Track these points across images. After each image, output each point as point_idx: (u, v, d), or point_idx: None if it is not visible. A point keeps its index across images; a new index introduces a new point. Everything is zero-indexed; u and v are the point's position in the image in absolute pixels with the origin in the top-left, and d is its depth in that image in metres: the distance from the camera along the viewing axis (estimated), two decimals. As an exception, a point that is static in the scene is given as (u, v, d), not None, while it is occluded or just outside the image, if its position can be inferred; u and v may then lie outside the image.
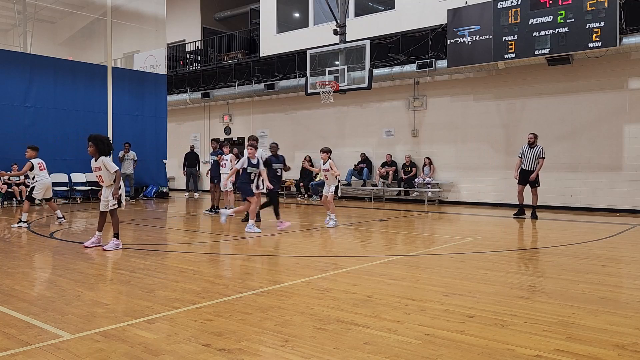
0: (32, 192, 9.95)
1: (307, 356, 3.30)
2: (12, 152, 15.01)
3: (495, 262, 6.52)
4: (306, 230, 9.72)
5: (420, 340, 3.58)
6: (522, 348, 3.43)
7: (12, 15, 21.29)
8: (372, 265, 6.28)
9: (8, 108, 15.32)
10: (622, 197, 13.00)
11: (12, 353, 3.34)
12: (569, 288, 5.10)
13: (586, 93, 13.53)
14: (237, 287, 5.15)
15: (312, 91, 15.32)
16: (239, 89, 19.77)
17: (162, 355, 3.31)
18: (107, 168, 7.27)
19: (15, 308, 4.37)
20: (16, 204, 14.96)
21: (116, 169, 7.31)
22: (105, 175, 7.33)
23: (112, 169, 7.26)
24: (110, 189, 7.37)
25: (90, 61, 18.72)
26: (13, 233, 9.41)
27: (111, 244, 7.35)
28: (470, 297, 4.72)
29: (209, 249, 7.92)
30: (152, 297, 4.77)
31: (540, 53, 12.85)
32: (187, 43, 22.94)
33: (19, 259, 6.65)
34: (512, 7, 13.15)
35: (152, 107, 18.86)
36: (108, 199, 7.36)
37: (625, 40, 12.08)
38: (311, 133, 18.85)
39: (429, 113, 16.18)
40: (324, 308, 4.36)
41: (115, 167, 7.31)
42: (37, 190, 9.94)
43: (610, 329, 3.84)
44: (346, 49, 14.56)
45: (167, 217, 13.19)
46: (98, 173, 7.38)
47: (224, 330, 3.80)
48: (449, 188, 15.77)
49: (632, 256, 7.18)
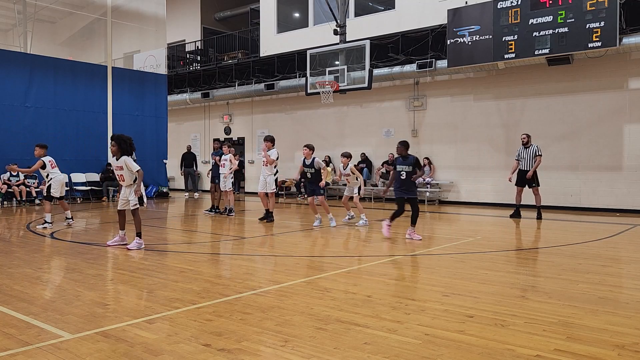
0: (50, 190, 9.83)
1: (307, 356, 3.30)
2: (12, 152, 15.02)
3: (495, 262, 6.52)
4: (306, 230, 9.72)
5: (420, 340, 3.58)
6: (522, 348, 3.43)
7: (12, 15, 21.28)
8: (372, 265, 6.28)
9: (8, 108, 15.32)
10: (622, 197, 13.00)
11: (12, 353, 3.34)
12: (569, 288, 5.10)
13: (586, 93, 13.53)
14: (237, 287, 5.15)
15: (312, 91, 15.32)
16: (239, 89, 19.76)
17: (162, 355, 3.31)
18: (129, 167, 7.30)
19: (15, 308, 4.37)
20: (16, 204, 14.96)
21: (138, 168, 7.33)
22: (127, 175, 7.37)
23: (134, 168, 7.29)
24: (131, 189, 7.39)
25: (90, 61, 18.71)
26: (12, 233, 9.42)
27: (134, 243, 7.40)
28: (470, 297, 4.72)
29: (209, 249, 7.92)
30: (152, 297, 4.77)
31: (540, 53, 12.85)
32: (187, 43, 22.95)
33: (19, 259, 6.65)
34: (512, 7, 13.15)
35: (152, 107, 18.86)
36: (128, 199, 7.39)
37: (625, 40, 12.08)
38: (311, 133, 18.84)
39: (429, 113, 16.18)
40: (324, 308, 4.36)
41: (137, 167, 7.33)
42: (54, 187, 9.82)
43: (610, 329, 3.84)
44: (346, 49, 14.56)
45: (167, 217, 13.18)
46: (119, 172, 7.43)
47: (224, 330, 3.80)
48: (449, 188, 15.77)
49: (632, 256, 7.18)
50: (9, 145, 15.12)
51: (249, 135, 20.94)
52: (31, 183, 15.36)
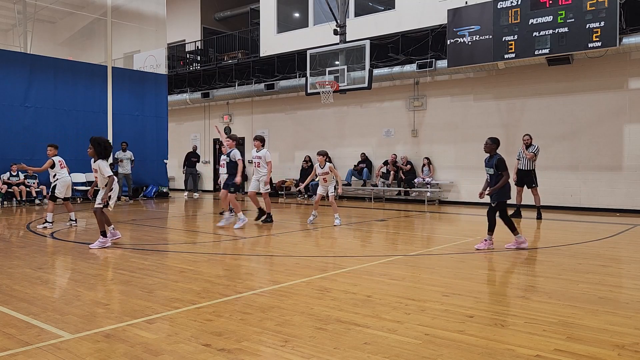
0: (55, 191, 9.83)
1: (307, 356, 3.29)
2: (12, 152, 15.02)
3: (495, 262, 6.52)
4: (306, 230, 9.73)
5: (420, 340, 3.58)
6: (522, 348, 3.43)
7: (12, 15, 21.29)
8: (372, 265, 6.28)
9: (8, 108, 15.32)
10: (622, 197, 13.00)
11: (12, 353, 3.34)
12: (569, 288, 5.10)
13: (586, 93, 13.53)
14: (237, 287, 5.15)
15: (312, 91, 15.31)
16: (239, 89, 19.76)
17: (162, 355, 3.31)
18: (102, 172, 7.51)
19: (15, 308, 4.37)
20: (16, 204, 14.96)
21: (109, 174, 7.53)
22: (100, 178, 7.60)
23: (105, 173, 7.50)
24: (104, 191, 7.60)
25: (90, 61, 18.71)
26: (12, 233, 9.42)
27: (97, 243, 7.51)
28: (470, 297, 4.72)
29: (209, 249, 7.92)
30: (152, 297, 4.77)
31: (540, 53, 12.85)
32: (187, 43, 22.94)
33: (19, 259, 6.65)
34: (512, 7, 13.15)
35: (153, 107, 18.86)
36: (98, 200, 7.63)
37: (625, 40, 12.07)
38: (311, 133, 18.85)
39: (429, 113, 16.18)
40: (324, 308, 4.36)
41: (109, 173, 7.53)
42: (59, 188, 9.85)
43: (610, 329, 3.84)
44: (346, 49, 14.56)
45: (167, 217, 13.19)
46: (95, 174, 7.71)
47: (224, 330, 3.80)
48: (449, 188, 15.77)
49: (632, 256, 7.18)
50: (9, 145, 15.12)
51: (249, 135, 20.94)
52: (31, 183, 15.36)
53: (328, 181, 10.39)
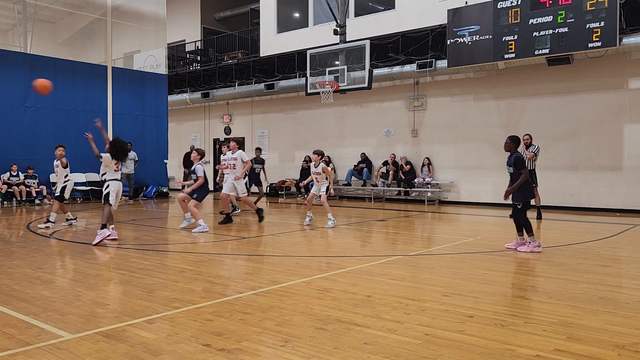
0: (63, 191, 9.94)
1: (307, 356, 3.30)
2: (12, 152, 15.02)
3: (495, 262, 6.52)
4: (306, 231, 9.72)
5: (420, 340, 3.58)
6: (522, 348, 3.43)
7: (12, 15, 21.28)
8: (372, 265, 6.28)
9: (8, 108, 15.31)
10: (622, 197, 13.00)
11: (12, 353, 3.34)
12: (569, 288, 5.10)
13: (586, 93, 13.53)
14: (237, 287, 5.15)
15: (312, 91, 15.31)
16: (239, 89, 19.76)
17: (162, 355, 3.31)
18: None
19: (15, 308, 4.37)
20: (16, 204, 14.95)
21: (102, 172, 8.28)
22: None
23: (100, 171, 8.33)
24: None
25: (90, 61, 18.71)
26: (13, 233, 9.41)
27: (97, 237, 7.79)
28: (470, 297, 4.72)
29: (209, 249, 7.92)
30: (152, 297, 4.77)
31: (540, 53, 12.85)
32: (187, 43, 22.94)
33: (19, 259, 6.65)
34: (512, 7, 13.15)
35: (153, 107, 18.86)
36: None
37: (625, 40, 12.07)
38: (311, 133, 18.85)
39: (429, 113, 16.18)
40: (324, 308, 4.36)
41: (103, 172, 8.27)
42: (68, 189, 10.01)
43: (610, 329, 3.84)
44: (346, 49, 14.56)
45: (167, 217, 13.18)
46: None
47: (224, 330, 3.80)
48: (449, 188, 15.77)
49: (632, 256, 7.18)
50: (9, 145, 15.12)
51: (249, 135, 20.94)
52: (31, 183, 15.35)
53: (320, 181, 10.38)
